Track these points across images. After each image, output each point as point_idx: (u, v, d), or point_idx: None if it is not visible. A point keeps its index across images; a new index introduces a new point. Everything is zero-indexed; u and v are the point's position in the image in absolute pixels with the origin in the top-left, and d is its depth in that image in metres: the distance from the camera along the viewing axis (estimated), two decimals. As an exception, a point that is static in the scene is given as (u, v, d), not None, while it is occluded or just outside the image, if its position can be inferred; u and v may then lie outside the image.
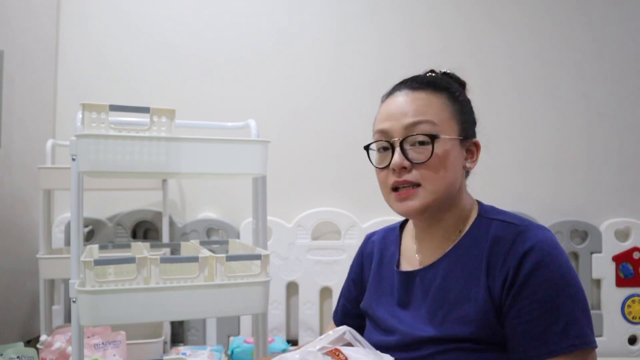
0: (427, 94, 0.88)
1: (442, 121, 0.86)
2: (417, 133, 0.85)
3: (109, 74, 2.27)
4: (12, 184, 1.97)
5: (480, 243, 0.84)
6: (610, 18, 2.38)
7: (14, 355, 1.54)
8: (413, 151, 0.85)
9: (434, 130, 0.85)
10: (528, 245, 0.79)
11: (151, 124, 1.21)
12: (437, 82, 0.90)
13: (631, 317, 2.26)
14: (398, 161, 0.85)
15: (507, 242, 0.81)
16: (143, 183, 2.05)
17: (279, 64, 2.33)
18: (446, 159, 0.85)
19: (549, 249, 0.78)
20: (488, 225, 0.86)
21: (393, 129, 0.87)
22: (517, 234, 0.81)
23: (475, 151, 0.92)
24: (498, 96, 2.35)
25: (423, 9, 2.38)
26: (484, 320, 0.79)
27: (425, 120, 0.85)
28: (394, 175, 0.86)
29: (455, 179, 0.88)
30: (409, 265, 0.95)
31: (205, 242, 1.54)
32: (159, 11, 2.30)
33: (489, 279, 0.81)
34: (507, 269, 0.79)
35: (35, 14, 2.14)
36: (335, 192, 2.31)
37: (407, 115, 0.86)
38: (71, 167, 1.15)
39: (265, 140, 1.30)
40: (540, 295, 0.76)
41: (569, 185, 2.36)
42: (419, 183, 0.85)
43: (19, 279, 1.99)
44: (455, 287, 0.84)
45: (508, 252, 0.80)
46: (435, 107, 0.87)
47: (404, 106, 0.87)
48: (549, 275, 0.76)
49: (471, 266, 0.84)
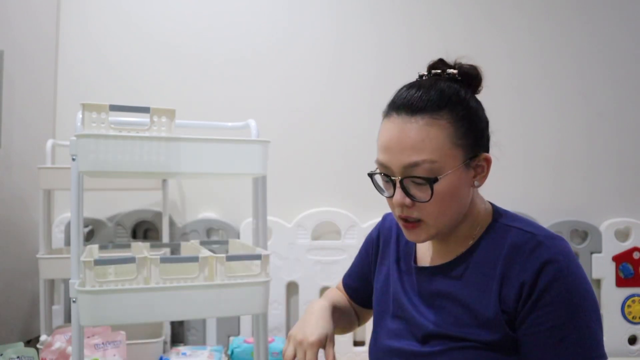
0: (426, 121, 0.80)
1: (443, 155, 0.80)
2: (416, 175, 0.81)
3: (109, 74, 2.27)
4: (12, 184, 1.97)
5: (496, 250, 0.84)
6: (610, 18, 2.38)
7: (14, 355, 1.54)
8: (414, 188, 0.82)
9: (433, 170, 0.80)
10: (546, 257, 0.78)
11: (151, 124, 1.21)
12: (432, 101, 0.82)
13: (631, 317, 2.26)
14: (399, 200, 0.83)
15: (525, 252, 0.80)
16: (143, 183, 2.04)
17: (279, 64, 2.33)
18: (449, 194, 0.82)
19: (567, 261, 0.78)
20: (505, 232, 0.85)
21: (392, 166, 0.83)
22: (535, 245, 0.80)
23: (485, 166, 0.88)
24: (498, 96, 2.35)
25: (423, 9, 2.38)
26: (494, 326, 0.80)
27: (423, 161, 0.80)
28: (397, 210, 0.85)
29: (462, 206, 0.86)
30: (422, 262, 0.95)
31: (205, 242, 1.54)
32: (159, 11, 2.30)
33: (502, 287, 0.80)
34: (523, 279, 0.78)
35: (35, 14, 2.14)
36: (335, 192, 2.31)
37: (405, 150, 0.81)
38: (71, 167, 1.15)
39: (265, 140, 1.30)
40: (557, 306, 0.76)
41: (569, 185, 2.36)
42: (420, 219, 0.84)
43: (19, 279, 1.99)
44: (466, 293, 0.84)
45: (525, 262, 0.79)
46: (435, 140, 0.80)
47: (401, 139, 0.81)
48: (566, 288, 0.76)
49: (485, 272, 0.83)
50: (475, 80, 0.91)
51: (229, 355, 1.96)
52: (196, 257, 1.20)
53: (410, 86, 0.87)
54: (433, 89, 0.84)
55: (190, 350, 1.91)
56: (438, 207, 0.82)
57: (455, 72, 0.88)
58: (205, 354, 1.88)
